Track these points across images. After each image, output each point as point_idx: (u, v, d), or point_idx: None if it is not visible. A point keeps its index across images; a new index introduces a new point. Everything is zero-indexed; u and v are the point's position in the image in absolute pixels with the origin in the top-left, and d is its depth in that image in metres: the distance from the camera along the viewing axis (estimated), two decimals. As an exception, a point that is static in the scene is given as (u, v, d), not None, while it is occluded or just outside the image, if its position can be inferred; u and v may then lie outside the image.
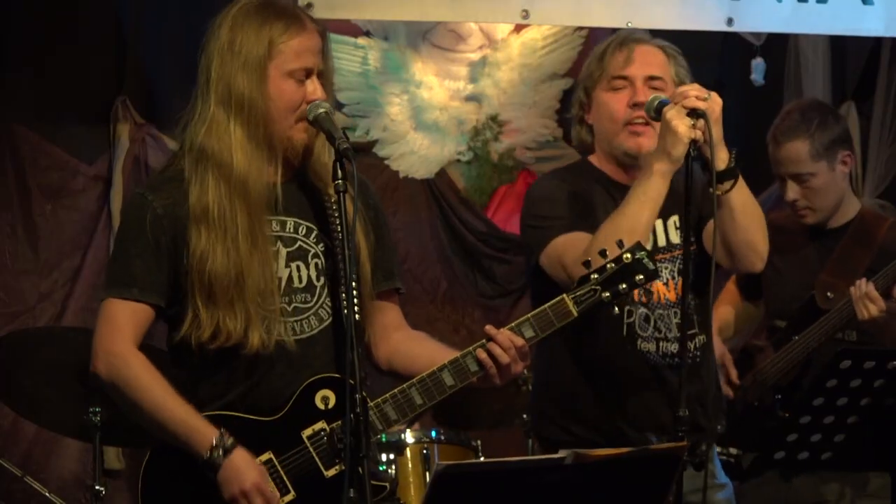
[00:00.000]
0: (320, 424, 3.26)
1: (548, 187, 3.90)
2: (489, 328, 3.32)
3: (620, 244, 3.37)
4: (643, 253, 3.38)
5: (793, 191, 4.54)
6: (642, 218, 3.59)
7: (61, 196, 6.00)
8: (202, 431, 3.20)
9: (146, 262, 3.25)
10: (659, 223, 3.81)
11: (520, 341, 3.30)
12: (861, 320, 4.34)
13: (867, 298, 4.30)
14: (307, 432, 3.25)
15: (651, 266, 3.37)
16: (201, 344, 3.23)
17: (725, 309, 4.77)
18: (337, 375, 3.28)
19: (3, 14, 5.89)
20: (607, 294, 3.35)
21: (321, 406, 3.26)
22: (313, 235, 3.36)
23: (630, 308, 3.77)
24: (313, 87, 3.30)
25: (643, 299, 3.79)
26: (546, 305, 3.34)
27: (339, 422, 3.23)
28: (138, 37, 6.06)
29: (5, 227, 5.94)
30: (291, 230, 3.34)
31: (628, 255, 3.36)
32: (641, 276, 3.36)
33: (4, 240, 5.94)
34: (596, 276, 3.35)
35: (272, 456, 3.25)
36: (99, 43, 6.06)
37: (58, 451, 5.87)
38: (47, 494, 5.00)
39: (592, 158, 3.93)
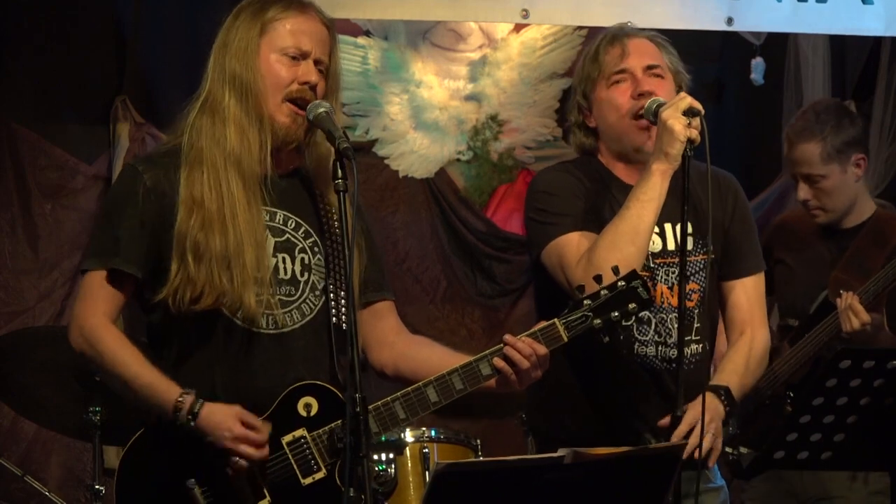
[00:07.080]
0: (300, 432, 3.24)
1: (554, 181, 3.83)
2: (508, 336, 3.31)
3: (616, 270, 3.34)
4: (638, 282, 3.35)
5: (804, 191, 4.56)
6: (644, 220, 3.55)
7: (61, 196, 6.00)
8: (167, 393, 3.20)
9: (132, 232, 3.27)
10: (668, 227, 3.74)
11: (542, 349, 3.29)
12: (845, 332, 4.33)
13: (850, 311, 4.30)
14: (287, 438, 3.24)
15: (645, 295, 3.34)
16: (184, 305, 3.21)
17: None
18: (321, 383, 3.27)
19: (2, 14, 5.89)
20: (599, 321, 3.33)
21: (303, 413, 3.25)
22: (301, 231, 3.36)
23: None
24: (307, 69, 3.34)
25: None
26: (537, 328, 3.32)
27: (320, 430, 3.23)
28: (138, 37, 6.06)
29: (5, 226, 5.94)
30: (280, 222, 3.35)
31: (623, 283, 3.33)
32: (634, 305, 3.34)
33: (4, 239, 5.94)
34: (589, 301, 3.33)
35: None
36: (99, 43, 6.07)
37: (58, 451, 5.87)
38: (47, 494, 5.01)
39: (600, 157, 3.85)
